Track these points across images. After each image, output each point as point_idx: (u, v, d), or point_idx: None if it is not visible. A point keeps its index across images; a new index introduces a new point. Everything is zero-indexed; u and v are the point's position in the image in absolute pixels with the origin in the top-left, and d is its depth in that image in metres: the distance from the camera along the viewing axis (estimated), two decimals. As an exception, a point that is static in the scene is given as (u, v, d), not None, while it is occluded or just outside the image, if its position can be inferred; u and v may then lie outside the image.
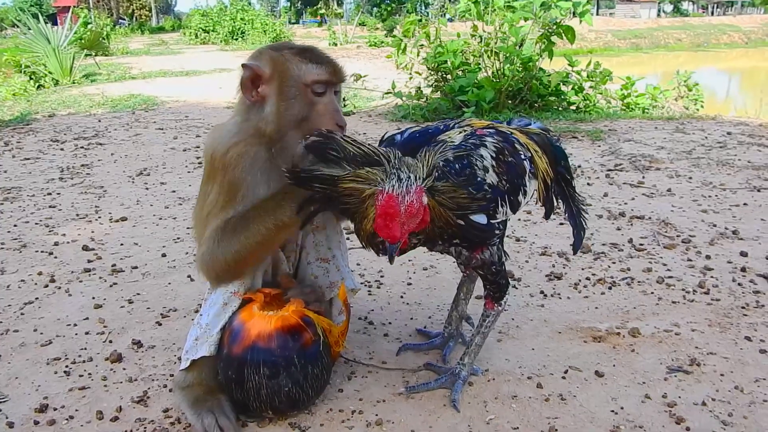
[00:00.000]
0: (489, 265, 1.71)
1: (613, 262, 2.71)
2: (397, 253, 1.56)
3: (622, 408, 1.73)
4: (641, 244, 2.89)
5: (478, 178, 1.53)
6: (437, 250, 1.72)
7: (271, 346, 1.60)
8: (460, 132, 1.64)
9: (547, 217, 1.89)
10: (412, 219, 1.40)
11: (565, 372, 1.90)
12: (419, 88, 6.86)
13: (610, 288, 2.47)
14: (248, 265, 1.67)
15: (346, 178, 1.43)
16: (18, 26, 11.33)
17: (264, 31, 24.40)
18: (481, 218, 1.57)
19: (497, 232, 1.66)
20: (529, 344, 2.07)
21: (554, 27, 5.98)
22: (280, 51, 1.64)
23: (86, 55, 12.42)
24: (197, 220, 1.78)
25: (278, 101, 1.60)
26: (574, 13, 6.09)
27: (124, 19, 50.39)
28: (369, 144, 1.49)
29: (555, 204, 1.84)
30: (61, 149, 5.28)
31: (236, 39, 24.93)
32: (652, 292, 2.42)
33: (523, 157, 1.67)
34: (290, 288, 1.76)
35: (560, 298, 2.40)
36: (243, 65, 1.62)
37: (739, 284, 2.47)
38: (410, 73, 7.03)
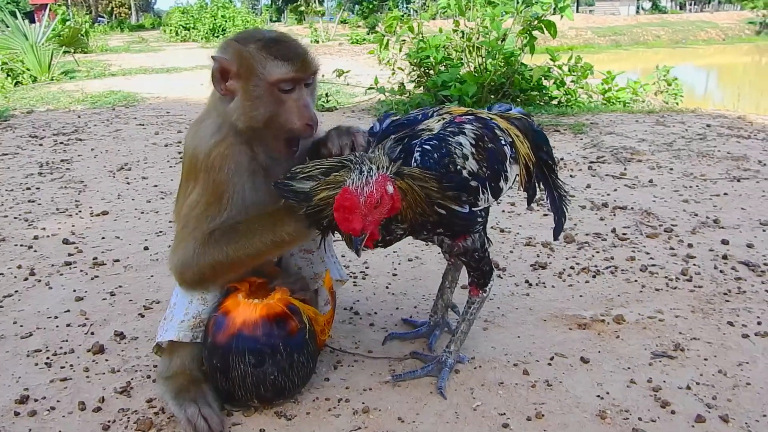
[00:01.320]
0: (472, 252, 1.71)
1: (597, 252, 2.72)
2: (382, 245, 1.58)
3: (607, 393, 1.73)
4: (624, 234, 2.91)
5: (458, 166, 1.53)
6: (422, 239, 1.72)
7: (256, 334, 1.59)
8: (439, 120, 1.63)
9: (529, 203, 1.90)
10: (376, 210, 1.38)
11: (551, 359, 1.90)
12: (402, 83, 6.84)
13: (594, 276, 2.48)
14: (231, 275, 1.64)
15: (318, 189, 1.44)
16: (-5, 23, 11.16)
17: (245, 29, 24.19)
18: (462, 206, 1.56)
19: (479, 219, 1.66)
20: (514, 332, 2.07)
21: (536, 22, 5.99)
22: (246, 44, 1.54)
23: (65, 52, 12.26)
24: (178, 216, 1.76)
25: (244, 99, 1.53)
26: (555, 9, 6.09)
27: (103, 17, 49.90)
28: (330, 159, 1.50)
29: (537, 189, 1.84)
30: (40, 145, 5.22)
31: (217, 36, 24.67)
32: (636, 280, 2.43)
33: (503, 142, 1.66)
34: (275, 276, 1.75)
35: (545, 286, 2.40)
36: (212, 57, 1.56)
37: (720, 271, 2.49)
38: (393, 69, 7.01)
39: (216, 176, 1.56)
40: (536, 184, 1.82)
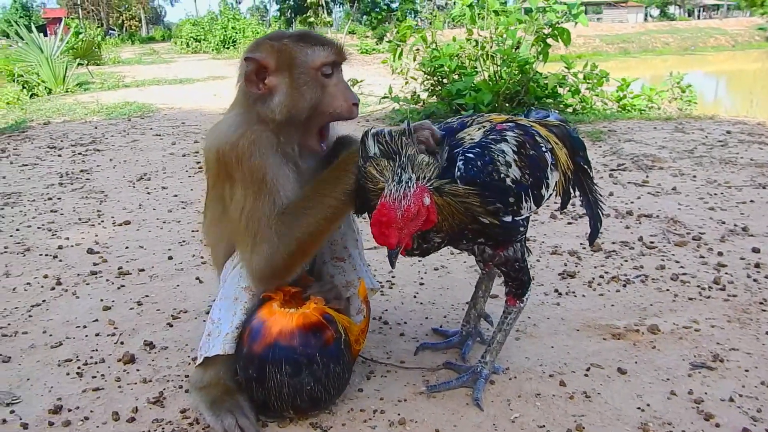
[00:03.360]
0: (512, 262, 1.68)
1: (626, 260, 2.68)
2: (419, 254, 1.58)
3: (648, 405, 1.70)
4: (652, 242, 2.87)
5: (501, 174, 1.50)
6: (462, 248, 1.70)
7: (293, 343, 1.57)
8: (480, 128, 1.61)
9: (562, 208, 1.87)
10: (412, 222, 1.38)
11: (587, 369, 1.87)
12: (415, 92, 6.84)
13: (624, 285, 2.44)
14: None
15: (374, 160, 1.46)
16: (9, 36, 11.24)
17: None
18: (505, 216, 1.54)
19: (522, 228, 1.63)
20: (548, 342, 2.04)
21: (549, 29, 5.98)
22: (280, 40, 1.59)
23: (79, 64, 12.34)
24: (210, 227, 1.75)
25: (290, 90, 1.57)
26: (568, 16, 6.07)
27: (114, 30, 50.39)
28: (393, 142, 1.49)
29: (572, 195, 1.81)
30: (59, 155, 5.23)
31: (227, 48, 24.88)
32: (668, 289, 2.40)
33: (544, 149, 1.64)
34: (309, 285, 1.73)
35: (575, 296, 2.37)
36: (246, 58, 1.56)
37: (754, 280, 2.45)
38: (406, 78, 7.00)
39: (249, 163, 1.54)
40: (571, 189, 1.80)
